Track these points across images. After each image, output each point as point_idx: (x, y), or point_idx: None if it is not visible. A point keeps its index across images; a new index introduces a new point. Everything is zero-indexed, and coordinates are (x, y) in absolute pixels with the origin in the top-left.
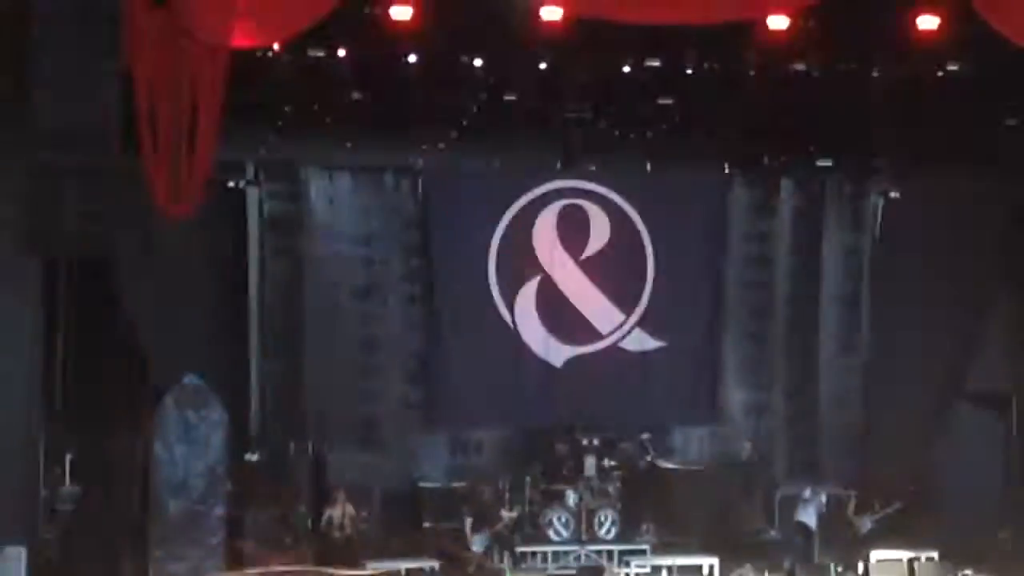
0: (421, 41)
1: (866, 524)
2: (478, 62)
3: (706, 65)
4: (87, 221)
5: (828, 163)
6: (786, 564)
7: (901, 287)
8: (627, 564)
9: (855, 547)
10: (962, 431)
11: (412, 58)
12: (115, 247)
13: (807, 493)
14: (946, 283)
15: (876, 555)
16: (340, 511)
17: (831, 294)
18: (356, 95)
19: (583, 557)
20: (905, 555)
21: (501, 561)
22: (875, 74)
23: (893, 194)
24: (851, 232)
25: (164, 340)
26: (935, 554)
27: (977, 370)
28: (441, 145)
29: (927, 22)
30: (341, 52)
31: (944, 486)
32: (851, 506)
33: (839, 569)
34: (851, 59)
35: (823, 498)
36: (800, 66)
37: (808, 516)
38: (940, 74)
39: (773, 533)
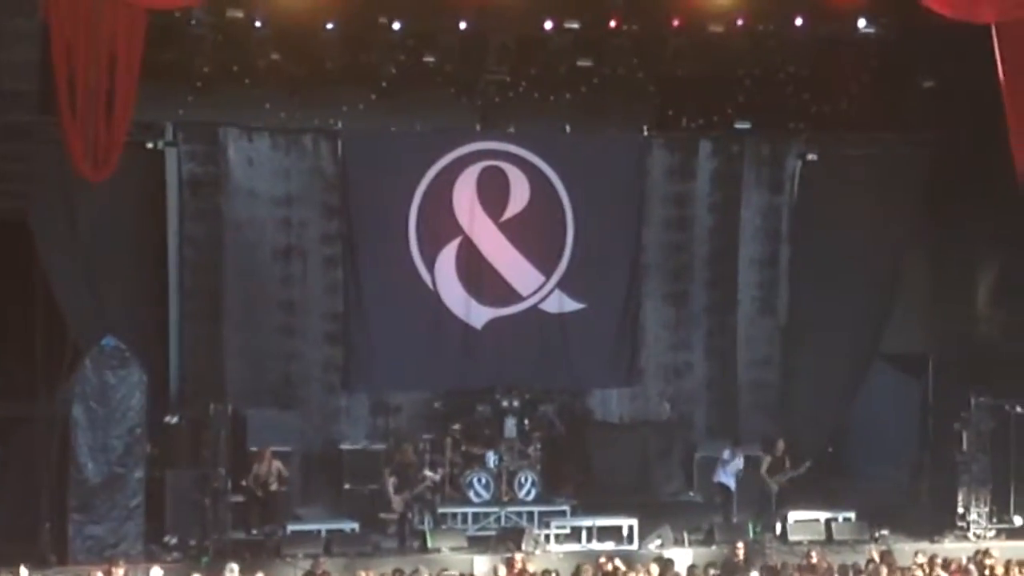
0: (340, 2)
1: (780, 483)
2: (397, 24)
3: (625, 27)
4: (4, 181)
5: (746, 126)
6: (705, 525)
7: (818, 249)
8: (547, 525)
9: (771, 507)
10: (878, 393)
11: (331, 19)
12: (33, 208)
13: (726, 454)
14: (863, 245)
15: (794, 515)
16: (267, 468)
17: (749, 256)
18: (275, 56)
19: (503, 518)
20: (822, 515)
21: (422, 522)
22: (793, 37)
23: (811, 156)
24: (769, 194)
25: (83, 302)
26: (852, 514)
27: (893, 332)
28: (361, 106)
29: None
30: (259, 13)
31: (861, 447)
32: (764, 465)
33: (757, 529)
34: (769, 21)
35: (741, 459)
36: (718, 29)
37: (727, 477)
38: (857, 37)
39: (692, 494)
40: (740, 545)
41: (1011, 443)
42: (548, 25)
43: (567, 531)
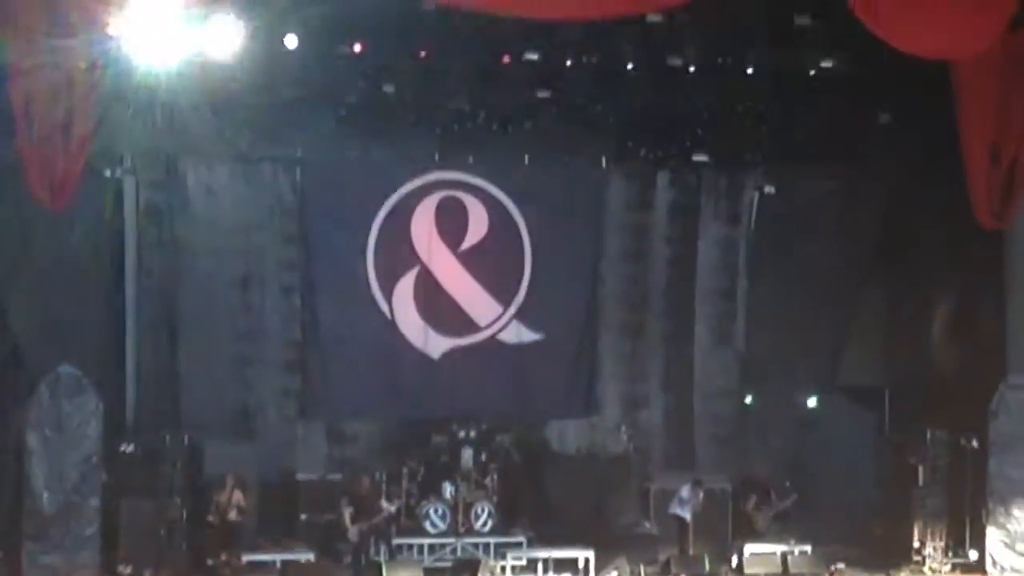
0: (299, 30)
1: (766, 519)
2: (356, 51)
3: (584, 59)
4: None
5: (704, 158)
6: (661, 557)
7: (776, 281)
8: (503, 556)
9: (727, 539)
10: (835, 425)
11: (291, 46)
12: None
13: (685, 492)
14: (819, 277)
15: (749, 548)
16: (227, 496)
17: (707, 287)
18: (234, 85)
19: (460, 549)
20: (778, 548)
21: (378, 553)
22: (751, 70)
23: (768, 189)
24: (727, 226)
25: (39, 329)
26: (808, 547)
27: (849, 365)
28: (319, 135)
29: (802, 19)
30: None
31: (817, 479)
32: (751, 501)
33: (713, 562)
34: (727, 55)
35: (700, 493)
36: (677, 61)
37: (683, 509)
38: (815, 71)
39: (648, 526)
40: None
41: (967, 477)
42: (507, 57)
43: (523, 563)
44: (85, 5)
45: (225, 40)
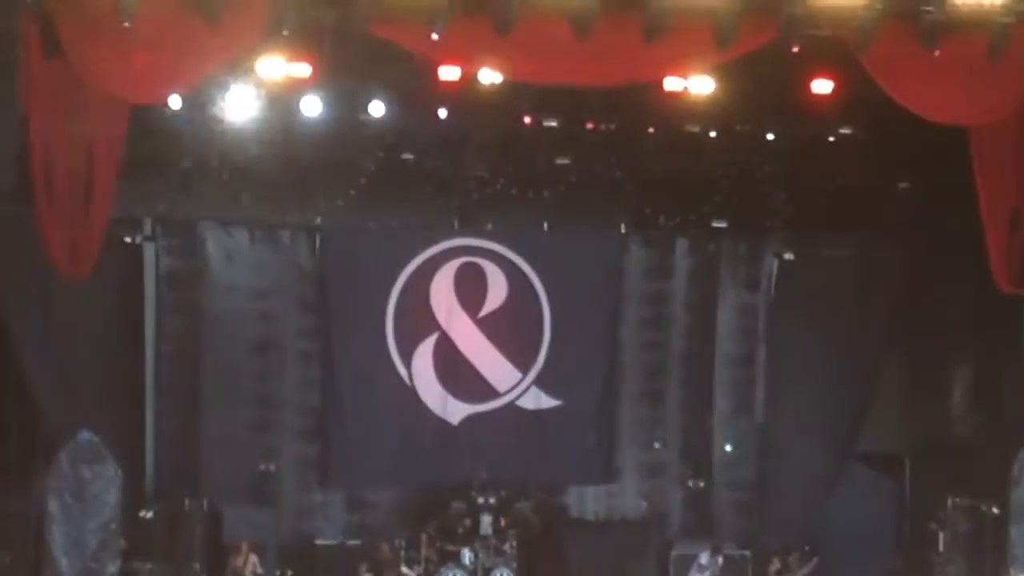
0: (320, 97)
1: None
2: (376, 119)
3: (603, 126)
4: None
5: (723, 224)
6: None
7: (795, 348)
8: None
9: None
10: (855, 493)
11: (311, 115)
12: (10, 302)
13: (704, 558)
14: (839, 345)
15: None
16: (243, 561)
17: (726, 354)
18: (254, 151)
19: None
20: None
21: None
22: (770, 136)
23: (787, 256)
24: (746, 293)
25: (59, 396)
26: None
27: (869, 432)
28: (339, 202)
29: (821, 86)
30: (239, 107)
31: (837, 547)
32: (773, 566)
33: None
34: (746, 121)
35: (719, 559)
36: (695, 128)
37: (703, 574)
38: (833, 137)
39: None
40: None
41: (987, 544)
42: (526, 122)
43: None
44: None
45: (244, 105)
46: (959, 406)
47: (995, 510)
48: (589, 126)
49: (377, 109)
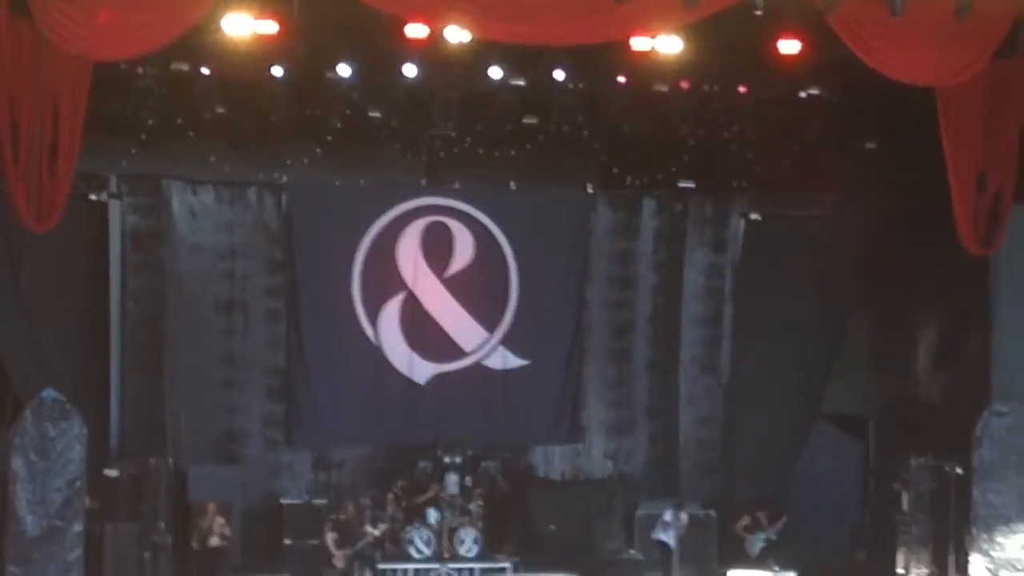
0: (286, 56)
1: (759, 541)
2: (343, 77)
3: (571, 85)
4: None
5: (690, 184)
6: None
7: (761, 308)
8: None
9: (720, 567)
10: (820, 452)
11: (277, 73)
12: None
13: (668, 516)
14: (805, 305)
15: (734, 573)
16: (209, 522)
17: (692, 314)
18: (220, 109)
19: (444, 575)
20: (764, 574)
21: None
22: (737, 97)
23: (754, 216)
24: (712, 253)
25: (24, 354)
26: (793, 574)
27: (835, 393)
28: (305, 160)
29: (789, 46)
30: (205, 65)
31: (802, 506)
32: (742, 523)
33: None
34: (714, 81)
35: (683, 518)
36: (663, 88)
37: (666, 535)
38: (801, 97)
39: (633, 552)
40: None
41: (950, 504)
42: (493, 82)
43: None
44: (71, 30)
45: (211, 63)
46: (924, 367)
47: (959, 470)
48: (557, 85)
49: (344, 67)
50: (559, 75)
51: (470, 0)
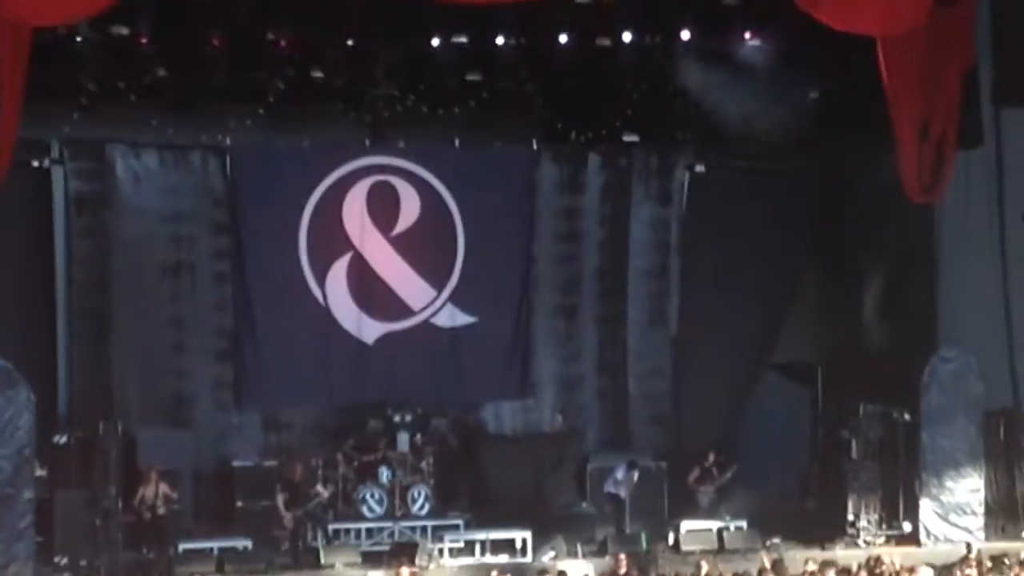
0: (226, 18)
1: (710, 492)
2: (284, 39)
3: (513, 41)
4: None
5: (635, 138)
6: (598, 536)
7: (708, 260)
8: (441, 539)
9: (663, 515)
10: (769, 402)
11: (218, 34)
12: None
13: (619, 471)
14: (752, 256)
15: (686, 525)
16: (153, 490)
17: (639, 268)
18: (161, 72)
19: (397, 533)
20: (714, 524)
21: (315, 539)
22: (679, 49)
23: (699, 168)
24: (658, 206)
25: None
26: (743, 523)
27: (783, 342)
28: (248, 122)
29: None
30: (145, 29)
31: (752, 456)
32: (694, 474)
33: (650, 539)
34: (656, 33)
35: (634, 472)
36: (606, 42)
37: (618, 488)
38: (744, 47)
39: (585, 505)
40: (623, 557)
41: (899, 451)
42: (436, 40)
43: (461, 545)
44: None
45: (152, 26)
46: (871, 315)
47: (907, 416)
48: (499, 42)
49: (285, 27)
50: (501, 31)
51: None
